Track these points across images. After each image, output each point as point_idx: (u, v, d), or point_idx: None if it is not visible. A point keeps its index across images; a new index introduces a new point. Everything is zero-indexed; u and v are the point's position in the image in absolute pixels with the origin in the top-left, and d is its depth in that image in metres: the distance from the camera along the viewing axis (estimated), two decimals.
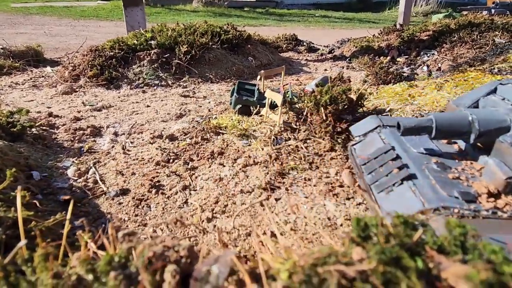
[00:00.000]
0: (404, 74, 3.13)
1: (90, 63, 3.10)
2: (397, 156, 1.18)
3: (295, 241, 1.19)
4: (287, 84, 2.32)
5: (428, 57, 3.80)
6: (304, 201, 1.41)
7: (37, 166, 1.60)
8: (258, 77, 2.30)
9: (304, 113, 1.85)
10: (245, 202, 1.41)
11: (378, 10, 14.32)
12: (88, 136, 2.00)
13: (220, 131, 2.01)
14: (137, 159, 1.74)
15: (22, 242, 0.56)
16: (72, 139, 1.95)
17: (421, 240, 0.57)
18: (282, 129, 1.90)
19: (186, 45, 3.32)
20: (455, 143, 1.31)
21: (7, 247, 0.81)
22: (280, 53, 4.83)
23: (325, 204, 1.39)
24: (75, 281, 0.57)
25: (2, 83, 3.04)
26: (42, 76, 3.29)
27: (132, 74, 3.12)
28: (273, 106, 2.16)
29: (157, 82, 3.09)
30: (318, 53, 4.98)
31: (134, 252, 0.59)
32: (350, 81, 2.36)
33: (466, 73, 2.08)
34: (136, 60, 3.23)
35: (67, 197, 1.31)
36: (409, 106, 1.75)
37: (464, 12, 6.39)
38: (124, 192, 1.48)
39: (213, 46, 3.61)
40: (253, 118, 2.12)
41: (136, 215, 1.34)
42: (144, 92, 2.93)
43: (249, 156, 1.71)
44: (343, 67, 4.00)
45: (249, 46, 4.03)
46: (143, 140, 1.98)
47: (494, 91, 1.30)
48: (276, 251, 0.63)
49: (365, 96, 1.78)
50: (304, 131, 1.85)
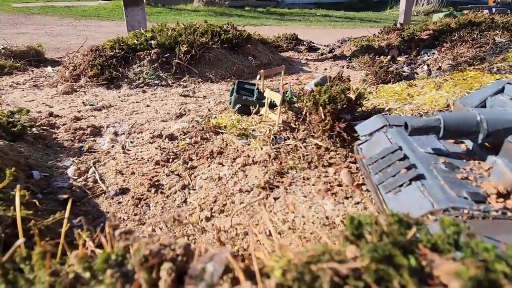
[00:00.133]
0: (404, 73, 3.13)
1: (90, 63, 3.11)
2: (404, 156, 1.17)
3: (293, 240, 1.20)
4: (287, 83, 2.32)
5: (429, 56, 3.80)
6: (302, 200, 1.42)
7: (37, 165, 1.61)
8: (258, 76, 2.31)
9: (303, 113, 1.85)
10: (244, 202, 1.42)
11: (379, 9, 14.30)
12: (88, 136, 2.01)
13: (220, 130, 2.02)
14: (136, 158, 1.75)
15: (20, 240, 0.57)
16: (72, 138, 1.96)
17: (415, 238, 0.58)
18: (281, 128, 1.91)
19: (186, 45, 3.33)
20: (462, 142, 1.29)
21: (6, 246, 0.82)
22: (280, 52, 4.83)
23: (323, 203, 1.40)
24: (73, 279, 0.57)
25: (3, 83, 3.05)
26: (43, 76, 3.31)
27: (132, 74, 3.13)
28: (272, 105, 2.16)
29: (157, 81, 3.10)
30: (318, 52, 4.97)
31: (131, 250, 0.59)
32: (349, 81, 2.36)
33: (465, 72, 2.08)
34: (136, 60, 3.24)
35: (66, 196, 1.32)
36: (408, 105, 1.75)
37: (465, 11, 6.38)
38: (124, 191, 1.49)
39: (213, 45, 3.62)
40: (252, 118, 2.12)
41: (135, 214, 1.35)
42: (144, 92, 2.94)
43: (248, 156, 1.72)
44: (343, 67, 4.00)
45: (249, 45, 4.03)
46: (143, 139, 1.98)
47: (502, 90, 1.28)
48: (272, 250, 0.64)
49: (364, 95, 1.78)
50: (303, 131, 1.85)
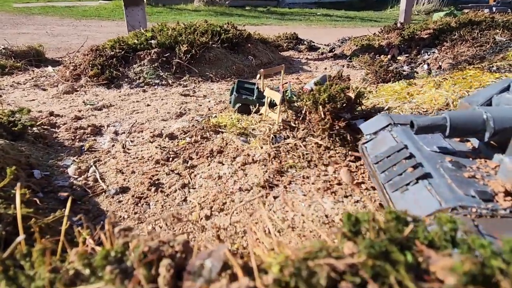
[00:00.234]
0: (404, 72, 3.13)
1: (91, 62, 3.12)
2: (410, 155, 1.16)
3: (292, 238, 1.20)
4: (287, 82, 2.33)
5: (429, 55, 3.80)
6: (302, 198, 1.42)
7: (38, 164, 1.62)
8: (258, 76, 2.31)
9: (303, 112, 1.86)
10: (243, 200, 1.42)
11: (379, 8, 14.29)
12: (88, 135, 2.02)
13: (220, 129, 2.02)
14: (137, 157, 1.76)
15: (21, 237, 0.57)
16: (73, 138, 1.97)
17: (412, 235, 0.58)
18: (281, 127, 1.91)
19: (186, 45, 3.34)
20: (468, 141, 1.28)
21: (7, 243, 0.83)
22: (281, 52, 4.83)
23: (323, 202, 1.40)
24: (73, 275, 0.58)
25: (4, 83, 3.06)
26: (44, 76, 3.32)
27: (132, 74, 3.13)
28: (272, 104, 2.16)
29: (157, 81, 3.11)
30: (319, 52, 4.98)
31: (130, 247, 0.60)
32: (349, 80, 2.36)
33: (465, 71, 2.08)
34: (137, 59, 3.25)
35: (66, 194, 1.32)
36: (408, 104, 1.75)
37: (465, 10, 6.37)
38: (124, 190, 1.50)
39: (213, 45, 3.62)
40: (252, 117, 2.13)
41: (135, 213, 1.36)
42: (144, 91, 2.95)
43: (248, 155, 1.72)
44: (343, 66, 4.00)
45: (249, 45, 4.04)
46: (143, 139, 1.99)
47: (508, 88, 1.28)
48: (270, 247, 0.64)
49: (364, 94, 1.78)
50: (302, 130, 1.86)
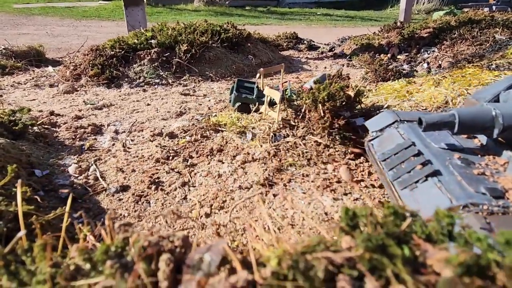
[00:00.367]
0: (403, 71, 3.14)
1: (91, 62, 3.13)
2: (419, 152, 1.16)
3: (292, 235, 1.21)
4: (286, 81, 2.33)
5: (429, 54, 3.80)
6: (302, 196, 1.43)
7: (39, 163, 1.63)
8: (258, 75, 2.31)
9: (303, 110, 1.86)
10: (243, 198, 1.43)
11: (380, 8, 14.28)
12: (89, 134, 2.03)
13: (220, 128, 2.03)
14: (137, 156, 1.76)
15: (22, 232, 0.58)
16: (73, 137, 1.98)
17: (410, 229, 0.59)
18: (281, 126, 1.92)
19: (186, 44, 3.34)
20: (475, 137, 1.27)
21: (8, 240, 0.83)
22: (281, 51, 4.83)
23: (322, 200, 1.41)
24: (73, 270, 0.59)
25: (4, 83, 3.07)
26: (44, 76, 3.32)
27: (132, 73, 3.14)
28: (272, 103, 2.17)
29: (157, 80, 3.11)
30: (319, 51, 4.98)
31: (130, 242, 0.60)
32: (349, 79, 2.37)
33: (464, 69, 2.08)
34: (137, 59, 3.25)
35: (65, 191, 1.33)
36: (407, 102, 1.76)
37: (465, 9, 6.37)
38: (124, 188, 1.50)
39: (213, 44, 3.63)
40: (252, 116, 2.13)
41: (135, 211, 1.36)
42: (144, 90, 2.95)
43: (248, 153, 1.73)
44: (343, 65, 4.00)
45: (249, 44, 4.04)
46: (143, 138, 2.00)
47: None
48: (269, 242, 0.65)
49: (363, 93, 1.79)
50: (302, 128, 1.86)
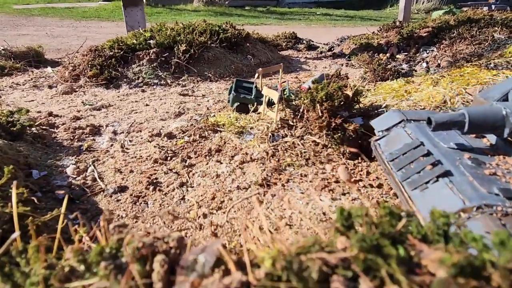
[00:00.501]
0: (402, 70, 3.13)
1: (90, 63, 3.12)
2: (428, 152, 1.14)
3: (290, 236, 1.20)
4: (285, 81, 2.33)
5: (428, 53, 3.80)
6: (300, 196, 1.42)
7: (37, 164, 1.63)
8: (256, 75, 2.31)
9: (301, 110, 1.86)
10: (241, 198, 1.43)
11: (379, 7, 14.28)
12: (87, 135, 2.03)
13: (218, 128, 2.03)
14: (135, 157, 1.76)
15: (16, 233, 0.58)
16: (72, 138, 1.97)
17: (406, 229, 0.58)
18: (279, 126, 1.91)
19: (185, 44, 3.34)
20: (484, 137, 1.26)
21: (4, 241, 0.83)
22: (280, 51, 4.83)
23: (320, 200, 1.41)
24: (68, 272, 0.58)
25: (3, 84, 3.07)
26: (43, 77, 3.32)
27: (131, 74, 3.14)
28: (270, 103, 2.17)
29: (156, 81, 3.11)
30: (318, 51, 4.98)
31: (124, 242, 0.60)
32: (347, 78, 2.36)
33: (463, 68, 2.08)
34: (136, 59, 3.25)
35: (62, 192, 1.33)
36: (405, 102, 1.75)
37: (464, 8, 6.37)
38: (122, 189, 1.50)
39: (212, 45, 3.63)
40: (250, 116, 2.13)
41: (133, 212, 1.36)
42: (143, 91, 2.95)
43: (246, 153, 1.73)
44: (342, 65, 4.00)
45: (248, 44, 4.04)
46: (141, 138, 1.99)
47: None
48: (264, 242, 0.64)
49: (362, 92, 1.79)
50: (300, 128, 1.86)
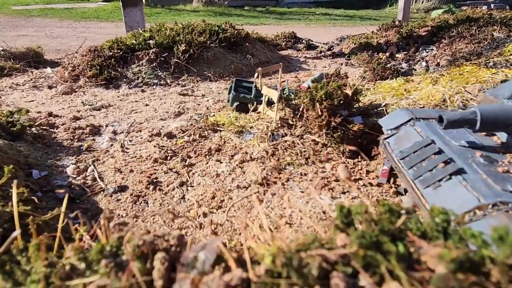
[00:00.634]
0: (402, 70, 3.14)
1: (89, 63, 3.13)
2: (439, 150, 1.14)
3: (290, 235, 1.21)
4: (284, 81, 2.33)
5: (427, 52, 3.80)
6: (300, 195, 1.43)
7: (37, 164, 1.63)
8: (256, 74, 2.31)
9: (300, 109, 1.86)
10: (241, 197, 1.43)
11: (378, 7, 14.29)
12: (87, 135, 2.03)
13: (218, 128, 2.03)
14: (135, 156, 1.76)
15: (16, 231, 0.58)
16: (72, 138, 1.97)
17: (405, 226, 0.59)
18: (279, 125, 1.91)
19: (184, 44, 3.34)
20: (494, 135, 1.26)
21: (5, 240, 0.83)
22: (279, 51, 4.83)
23: (320, 199, 1.41)
24: (69, 270, 0.58)
25: (2, 84, 3.07)
26: (42, 77, 3.32)
27: (131, 74, 3.14)
28: (270, 103, 2.17)
29: (156, 81, 3.11)
30: (317, 50, 4.98)
31: (125, 240, 0.60)
32: (347, 77, 2.36)
33: (462, 67, 2.08)
34: (135, 59, 3.25)
35: (62, 191, 1.33)
36: (405, 101, 1.76)
37: (463, 8, 6.37)
38: (122, 189, 1.50)
39: (211, 44, 3.63)
40: (250, 115, 2.13)
41: (133, 211, 1.36)
42: (143, 91, 2.95)
43: (246, 153, 1.73)
44: (341, 64, 4.00)
45: (248, 44, 4.04)
46: (141, 138, 2.00)
47: None
48: (265, 240, 0.65)
49: (361, 91, 1.79)
50: (300, 127, 1.86)
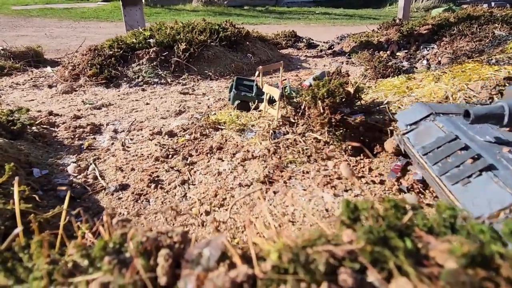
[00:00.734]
0: (403, 68, 3.13)
1: (89, 62, 3.12)
2: (466, 146, 1.11)
3: (293, 232, 1.20)
4: (285, 79, 2.33)
5: (428, 51, 3.79)
6: (302, 193, 1.42)
7: (38, 163, 1.62)
8: (257, 73, 2.31)
9: (302, 107, 1.85)
10: (243, 195, 1.42)
11: (378, 6, 14.27)
12: (88, 134, 2.02)
13: (219, 126, 2.02)
14: (136, 155, 1.76)
15: (18, 228, 0.57)
16: (72, 136, 1.97)
17: (411, 222, 0.58)
18: (280, 123, 1.91)
19: (184, 43, 3.33)
20: None
21: (6, 238, 0.82)
22: (280, 49, 4.82)
23: (323, 196, 1.40)
24: (71, 267, 0.58)
25: (3, 84, 3.06)
26: (43, 76, 3.31)
27: (131, 73, 3.13)
28: (271, 101, 2.16)
29: (156, 80, 3.11)
30: (318, 49, 4.97)
31: (128, 238, 0.60)
32: (348, 76, 2.36)
33: (464, 64, 2.08)
34: (135, 58, 3.24)
35: (63, 188, 1.33)
36: (407, 98, 1.75)
37: (464, 6, 6.36)
38: (124, 187, 1.49)
39: (212, 43, 3.62)
40: (251, 113, 2.12)
41: (135, 210, 1.35)
42: (143, 90, 2.94)
43: (248, 151, 1.72)
44: (342, 63, 3.99)
45: (248, 43, 4.03)
46: (142, 136, 1.99)
47: None
48: (269, 236, 0.64)
49: (363, 89, 1.78)
50: (302, 125, 1.85)
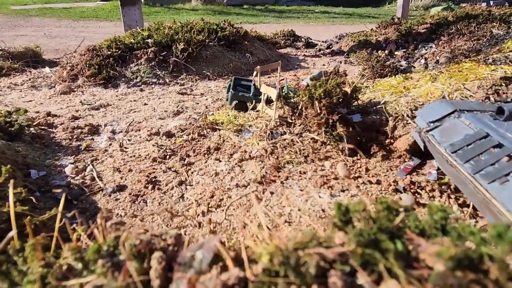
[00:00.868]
0: (401, 67, 3.13)
1: (88, 62, 3.12)
2: (499, 143, 1.10)
3: (289, 233, 1.20)
4: (283, 79, 2.33)
5: (426, 50, 3.79)
6: (299, 194, 1.42)
7: (35, 164, 1.62)
8: (254, 72, 2.31)
9: (299, 107, 1.86)
10: (239, 196, 1.43)
11: (378, 5, 14.27)
12: (86, 135, 2.02)
13: (217, 127, 2.03)
14: (134, 156, 1.76)
15: (12, 231, 0.57)
16: (70, 137, 1.97)
17: (403, 224, 0.58)
18: (278, 123, 1.91)
19: (183, 43, 3.33)
20: None
21: (1, 241, 0.83)
22: (278, 49, 4.82)
23: (320, 197, 1.40)
24: (65, 270, 0.58)
25: (1, 84, 3.06)
26: (41, 77, 3.31)
27: (129, 73, 3.13)
28: (269, 101, 2.16)
29: (154, 80, 3.11)
30: (316, 48, 4.97)
31: (121, 239, 0.60)
32: (346, 75, 2.36)
33: (461, 64, 2.08)
34: (134, 58, 3.24)
35: (59, 191, 1.33)
36: (404, 98, 1.75)
37: (463, 4, 6.36)
38: (121, 188, 1.50)
39: (210, 43, 3.62)
40: (249, 114, 2.13)
41: (132, 210, 1.36)
42: (141, 90, 2.95)
43: (245, 151, 1.72)
44: (340, 62, 3.99)
45: (246, 42, 4.03)
46: (140, 137, 1.99)
47: None
48: (263, 238, 0.64)
49: (360, 89, 1.78)
50: (299, 125, 1.86)
